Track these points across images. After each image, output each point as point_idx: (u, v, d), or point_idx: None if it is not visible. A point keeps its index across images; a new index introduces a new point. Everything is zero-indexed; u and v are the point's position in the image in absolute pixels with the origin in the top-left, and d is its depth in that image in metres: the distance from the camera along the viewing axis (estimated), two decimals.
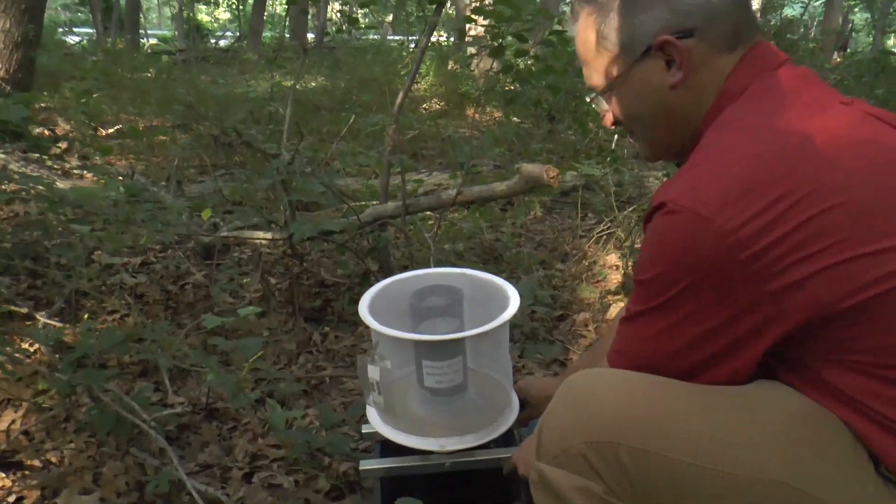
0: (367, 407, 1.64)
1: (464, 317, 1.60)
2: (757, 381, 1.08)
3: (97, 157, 4.34)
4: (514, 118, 6.34)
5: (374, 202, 2.98)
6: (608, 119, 1.26)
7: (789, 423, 1.02)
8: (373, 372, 1.52)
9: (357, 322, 2.64)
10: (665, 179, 4.02)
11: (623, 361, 1.14)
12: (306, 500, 1.78)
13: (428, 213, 3.51)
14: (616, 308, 2.84)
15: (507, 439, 1.69)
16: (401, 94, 2.76)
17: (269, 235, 2.79)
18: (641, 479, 1.04)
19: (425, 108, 7.75)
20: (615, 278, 3.14)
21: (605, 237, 3.49)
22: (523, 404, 1.67)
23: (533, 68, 2.73)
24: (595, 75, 1.21)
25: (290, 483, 1.86)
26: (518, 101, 3.39)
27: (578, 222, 3.96)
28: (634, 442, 1.04)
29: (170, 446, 1.88)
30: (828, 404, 1.03)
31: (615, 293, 2.94)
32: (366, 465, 1.61)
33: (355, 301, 2.73)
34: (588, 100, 1.28)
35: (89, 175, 3.97)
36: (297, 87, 3.09)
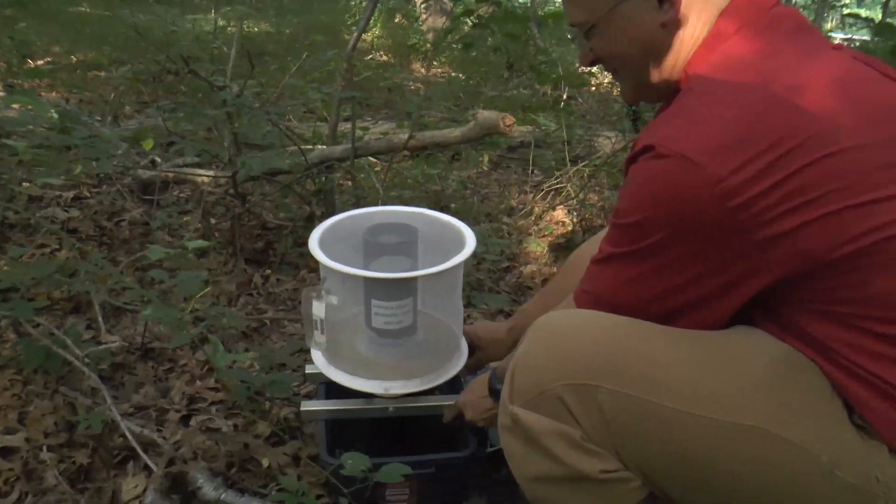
0: (311, 347, 1.58)
1: (418, 257, 1.54)
2: (735, 327, 1.05)
3: (24, 83, 4.10)
4: (461, 75, 6.24)
5: (321, 146, 2.88)
6: (587, 59, 1.20)
7: (769, 369, 0.99)
8: (318, 308, 1.46)
9: (300, 265, 2.56)
10: (616, 137, 4.00)
11: (592, 303, 1.09)
12: (245, 444, 1.71)
13: (374, 161, 3.42)
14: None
15: (452, 386, 1.65)
16: (354, 35, 2.66)
17: (211, 173, 2.68)
18: (619, 423, 1.01)
19: (371, 59, 7.59)
20: (563, 233, 3.11)
21: (553, 193, 3.46)
22: (472, 349, 1.63)
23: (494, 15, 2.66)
24: (578, 11, 1.14)
25: (228, 427, 1.79)
26: (477, 46, 3.31)
27: (529, 177, 3.91)
28: (613, 384, 1.00)
29: (103, 385, 1.80)
30: (805, 352, 1.00)
31: (564, 248, 2.91)
32: (307, 406, 1.56)
33: (299, 244, 2.65)
34: (570, 37, 1.22)
35: (16, 106, 3.76)
36: (243, 28, 2.97)
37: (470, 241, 1.50)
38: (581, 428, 1.01)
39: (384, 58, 7.77)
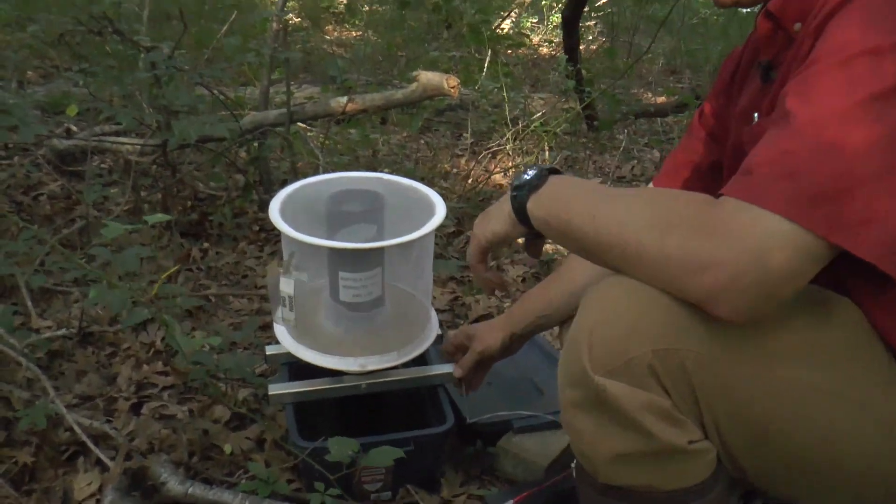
0: (275, 325, 1.47)
1: (385, 225, 1.44)
2: (832, 294, 0.98)
3: None
4: (378, 38, 6.05)
5: (253, 112, 2.72)
6: None
7: (858, 335, 0.94)
8: (286, 285, 1.35)
9: (238, 237, 2.42)
10: (552, 98, 3.94)
11: (792, 197, 0.82)
12: (205, 431, 1.59)
13: (304, 126, 3.27)
14: None
15: (422, 359, 1.57)
16: None
17: (139, 141, 2.49)
18: (706, 391, 0.92)
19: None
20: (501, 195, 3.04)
21: (489, 157, 3.38)
22: (463, 348, 1.51)
23: None
24: None
25: (184, 413, 1.66)
26: (412, 3, 3.17)
27: (462, 140, 3.82)
28: (703, 348, 0.91)
29: (44, 376, 1.64)
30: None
31: None
32: (276, 389, 1.45)
33: (236, 215, 2.51)
34: None
35: None
36: None
37: (440, 208, 1.40)
38: (669, 397, 0.93)
39: (295, 20, 7.51)
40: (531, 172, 1.06)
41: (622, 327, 0.92)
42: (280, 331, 1.46)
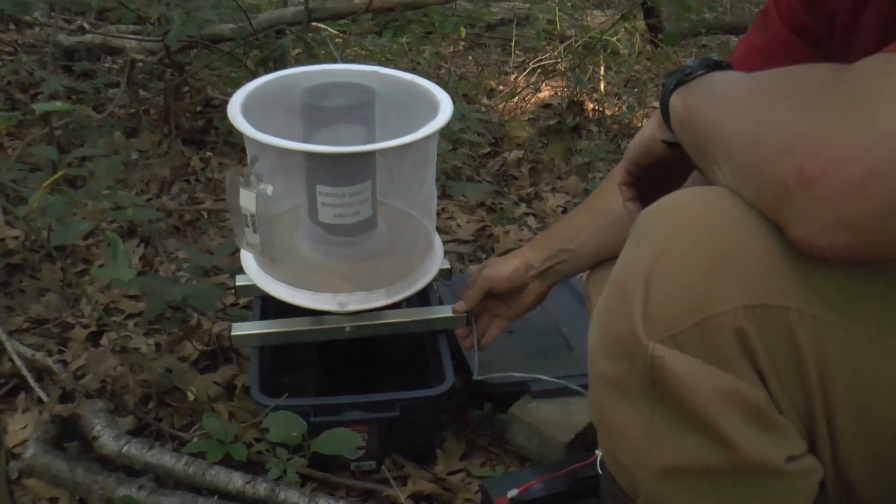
0: (242, 251, 1.16)
1: (375, 126, 1.11)
2: None
3: None
4: None
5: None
6: None
7: None
8: (247, 199, 1.04)
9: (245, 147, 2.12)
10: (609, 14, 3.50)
11: None
12: (167, 369, 1.31)
13: (333, 32, 2.91)
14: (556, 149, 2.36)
15: (424, 298, 1.27)
16: None
17: (138, 37, 2.18)
18: (826, 377, 0.58)
19: None
20: (551, 115, 2.67)
21: (538, 72, 2.98)
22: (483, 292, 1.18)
23: None
24: None
25: (149, 347, 1.38)
26: None
27: (511, 58, 3.42)
28: (814, 306, 0.57)
29: None
30: None
31: (554, 130, 2.47)
32: (240, 329, 1.16)
33: None
34: None
35: None
36: None
37: (445, 105, 1.07)
38: (765, 383, 0.59)
39: None
40: (693, 62, 0.71)
41: (698, 268, 0.58)
42: (246, 257, 1.17)
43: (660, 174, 0.80)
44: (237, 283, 1.25)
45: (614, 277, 0.64)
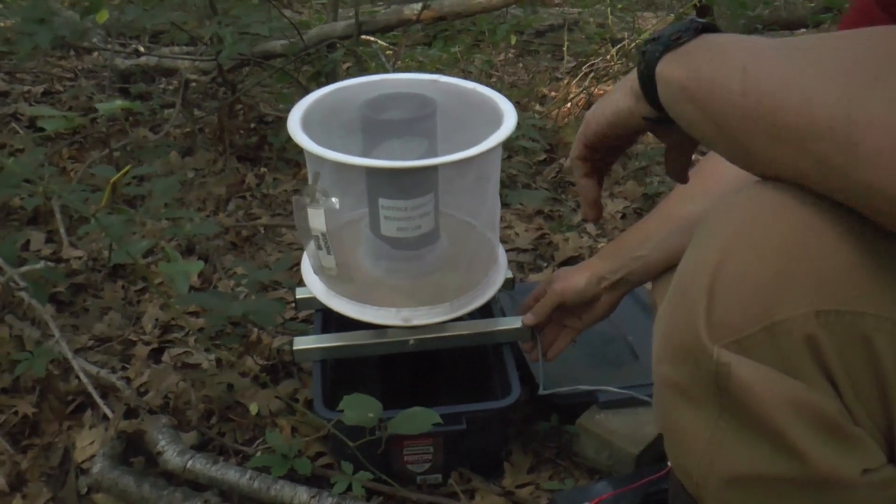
0: (303, 264, 1.18)
1: (437, 137, 1.11)
2: None
3: None
4: None
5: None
6: None
7: None
8: (316, 218, 1.03)
9: (301, 162, 2.14)
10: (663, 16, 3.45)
11: None
12: (229, 385, 1.33)
13: (384, 44, 2.93)
14: None
15: (487, 310, 1.26)
16: None
17: (191, 57, 2.22)
18: None
19: None
20: None
21: (591, 76, 2.96)
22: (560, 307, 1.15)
23: None
24: None
25: (210, 363, 1.40)
26: None
27: (563, 63, 3.41)
28: (890, 310, 0.55)
29: (57, 314, 1.41)
30: None
31: None
32: (302, 343, 1.16)
33: None
34: None
35: None
36: None
37: (509, 115, 1.07)
38: (838, 392, 0.57)
39: None
40: (674, 27, 0.66)
41: (766, 270, 0.56)
42: (307, 271, 1.17)
43: (619, 147, 0.80)
44: (297, 296, 1.26)
45: (677, 280, 0.62)
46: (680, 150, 0.78)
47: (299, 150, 1.03)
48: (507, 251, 1.77)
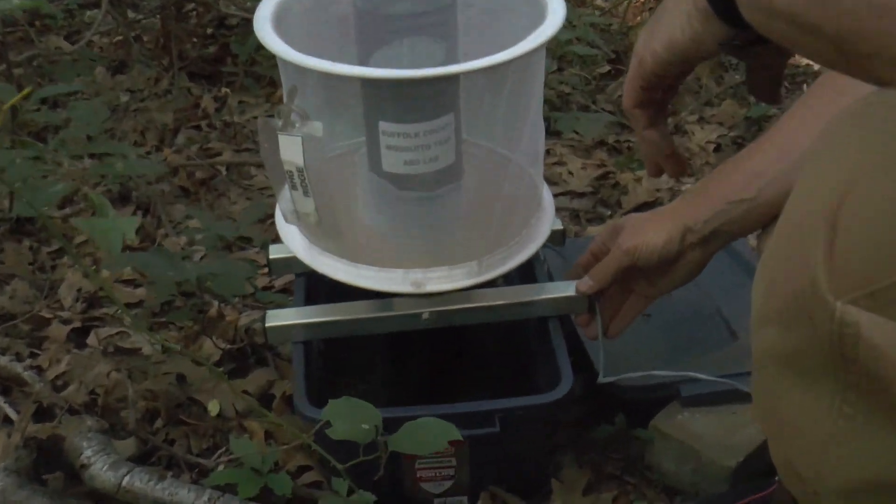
0: (277, 213, 1.23)
1: (457, 39, 1.14)
2: None
3: None
4: None
5: None
6: None
7: None
8: (290, 148, 1.06)
9: (276, 79, 2.18)
10: None
11: None
12: (180, 376, 1.40)
13: None
14: None
15: (528, 273, 1.30)
16: None
17: None
18: None
19: None
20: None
21: None
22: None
23: None
24: None
25: (153, 347, 1.45)
26: None
27: None
28: None
29: None
30: None
31: None
32: (277, 319, 1.21)
33: None
34: None
35: None
36: None
37: (557, 7, 1.09)
38: None
39: None
40: None
41: None
42: (284, 224, 1.21)
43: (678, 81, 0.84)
44: (271, 256, 1.31)
45: (787, 214, 0.64)
46: (768, 68, 0.80)
47: (273, 63, 1.06)
48: (555, 195, 1.81)
